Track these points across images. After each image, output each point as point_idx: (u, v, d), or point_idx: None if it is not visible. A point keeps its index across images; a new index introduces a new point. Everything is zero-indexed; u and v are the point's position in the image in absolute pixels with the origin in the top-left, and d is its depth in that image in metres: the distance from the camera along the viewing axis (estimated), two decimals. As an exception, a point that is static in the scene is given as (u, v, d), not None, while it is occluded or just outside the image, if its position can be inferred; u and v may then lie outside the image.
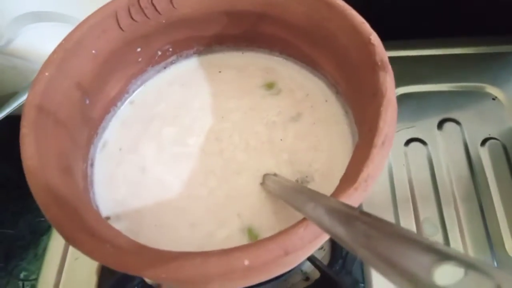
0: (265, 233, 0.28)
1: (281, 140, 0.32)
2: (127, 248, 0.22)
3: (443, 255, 0.13)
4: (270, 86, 0.35)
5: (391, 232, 0.16)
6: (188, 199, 0.30)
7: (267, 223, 0.29)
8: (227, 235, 0.28)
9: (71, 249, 0.41)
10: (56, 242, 0.42)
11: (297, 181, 0.30)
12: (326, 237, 0.26)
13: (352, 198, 0.22)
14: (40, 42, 0.51)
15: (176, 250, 0.22)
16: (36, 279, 0.41)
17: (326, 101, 0.34)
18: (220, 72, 0.36)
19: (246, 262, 0.20)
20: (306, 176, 0.30)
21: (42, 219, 0.49)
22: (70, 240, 0.22)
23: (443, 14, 0.49)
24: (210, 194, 0.30)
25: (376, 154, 0.23)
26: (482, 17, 0.48)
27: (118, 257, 0.21)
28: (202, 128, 0.33)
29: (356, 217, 0.18)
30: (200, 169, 0.31)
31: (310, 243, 0.21)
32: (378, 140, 0.23)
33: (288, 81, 0.35)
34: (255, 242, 0.21)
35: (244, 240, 0.28)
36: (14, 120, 0.26)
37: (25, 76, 0.52)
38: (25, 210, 0.50)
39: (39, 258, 0.44)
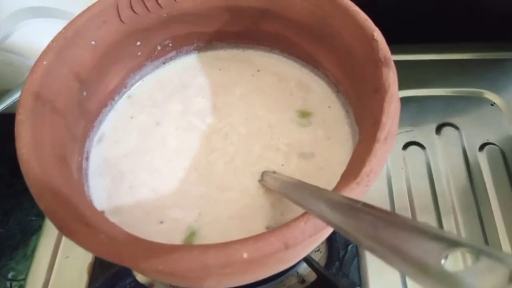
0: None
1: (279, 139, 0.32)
2: (122, 239, 0.22)
3: (453, 242, 0.13)
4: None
5: (398, 222, 0.15)
6: (184, 197, 0.30)
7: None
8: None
9: (61, 247, 0.41)
10: (46, 240, 0.41)
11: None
12: (327, 232, 0.26)
13: (354, 193, 0.21)
14: (37, 38, 0.50)
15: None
16: (24, 279, 0.40)
17: (329, 107, 0.33)
18: (220, 70, 0.36)
19: (245, 255, 0.20)
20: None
21: (33, 218, 0.48)
22: (64, 229, 0.21)
23: (443, 20, 0.49)
24: (208, 190, 0.30)
25: (379, 149, 0.22)
26: (482, 23, 0.48)
27: (113, 247, 0.21)
28: (201, 127, 0.33)
29: (359, 209, 0.18)
30: (198, 167, 0.31)
31: (311, 237, 0.21)
32: (381, 135, 0.23)
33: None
34: (255, 235, 0.21)
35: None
36: (7, 117, 0.26)
37: (21, 73, 0.51)
38: (16, 209, 0.50)
39: (28, 258, 0.43)
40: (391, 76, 0.25)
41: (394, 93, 0.24)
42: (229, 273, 0.21)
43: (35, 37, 0.50)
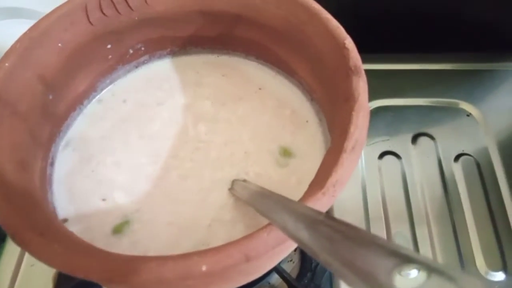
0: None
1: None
2: (77, 249, 0.21)
3: (406, 259, 0.12)
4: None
5: (355, 236, 0.15)
6: (133, 186, 0.29)
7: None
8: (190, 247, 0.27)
9: (27, 255, 0.39)
10: (12, 247, 0.40)
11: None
12: (291, 245, 0.25)
13: (320, 203, 0.21)
14: (8, 39, 0.49)
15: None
16: (-11, 287, 0.39)
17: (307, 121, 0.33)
18: (197, 73, 0.35)
19: (204, 268, 0.19)
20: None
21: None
22: (16, 237, 0.20)
23: (420, 30, 0.49)
24: (155, 191, 0.29)
25: (346, 159, 0.22)
26: (458, 34, 0.49)
27: (67, 258, 0.20)
28: (170, 136, 0.32)
29: (320, 221, 0.17)
30: (171, 176, 0.30)
31: (273, 249, 0.20)
32: (348, 144, 0.22)
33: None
34: (215, 247, 0.20)
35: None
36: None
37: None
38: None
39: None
40: (361, 86, 0.24)
41: (363, 103, 0.24)
42: (191, 286, 0.21)
43: (6, 38, 0.49)
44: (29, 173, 0.26)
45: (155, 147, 0.31)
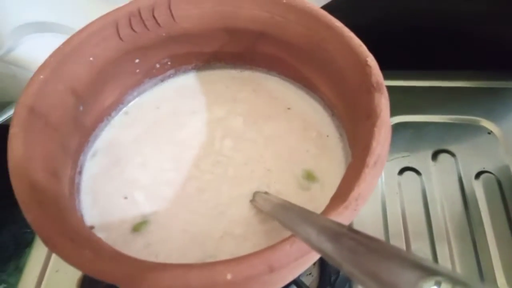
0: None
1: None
2: (106, 255, 0.21)
3: (430, 271, 0.13)
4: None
5: (378, 248, 0.15)
6: (154, 188, 0.31)
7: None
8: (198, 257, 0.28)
9: (52, 260, 0.40)
10: (37, 253, 0.41)
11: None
12: (314, 256, 0.25)
13: (342, 216, 0.21)
14: (40, 52, 0.51)
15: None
16: (14, 292, 0.40)
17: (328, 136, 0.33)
18: (227, 88, 0.36)
19: (229, 276, 0.20)
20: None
21: (28, 230, 0.48)
22: (48, 243, 0.21)
23: (442, 47, 0.49)
24: (199, 210, 0.30)
25: (368, 174, 0.22)
26: (479, 52, 0.49)
27: (96, 264, 0.20)
28: (196, 146, 0.33)
29: (344, 233, 0.17)
30: (190, 185, 0.31)
31: (296, 261, 0.21)
32: (371, 160, 0.23)
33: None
34: (239, 256, 0.21)
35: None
36: (7, 129, 0.26)
37: (23, 86, 0.51)
38: (11, 220, 0.49)
39: (20, 270, 0.43)
40: (383, 102, 0.25)
41: (385, 119, 0.24)
42: (213, 294, 0.21)
43: (38, 51, 0.51)
44: (59, 182, 0.27)
45: (180, 155, 0.32)
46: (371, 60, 0.27)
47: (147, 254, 0.28)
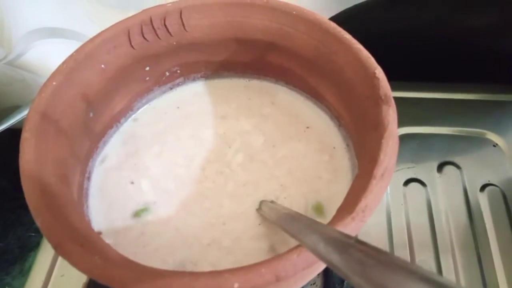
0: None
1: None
2: (115, 262, 0.22)
3: (439, 285, 0.13)
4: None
5: (387, 261, 0.15)
6: (169, 203, 0.31)
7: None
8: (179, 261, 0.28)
9: (57, 265, 0.40)
10: (43, 257, 0.41)
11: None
12: (320, 266, 0.26)
13: (349, 228, 0.21)
14: (50, 57, 0.52)
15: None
16: (18, 295, 0.40)
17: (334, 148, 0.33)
18: (250, 99, 0.37)
19: (236, 285, 0.20)
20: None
21: (33, 234, 0.48)
22: (58, 248, 0.22)
23: (449, 59, 0.50)
24: (205, 216, 0.30)
25: (375, 186, 0.23)
26: (486, 64, 0.49)
27: (105, 269, 0.21)
28: (211, 149, 0.33)
29: (351, 245, 0.18)
30: (197, 193, 0.31)
31: (303, 271, 0.21)
32: (378, 171, 0.23)
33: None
34: (246, 265, 0.21)
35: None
36: (15, 132, 0.26)
37: (32, 90, 0.52)
38: (16, 223, 0.50)
39: (25, 274, 0.43)
40: (391, 114, 0.25)
41: (393, 131, 0.25)
42: (220, 302, 0.21)
43: (48, 56, 0.52)
44: (69, 187, 0.27)
45: (195, 152, 0.33)
46: (379, 72, 0.27)
47: (139, 243, 0.29)
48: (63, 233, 0.22)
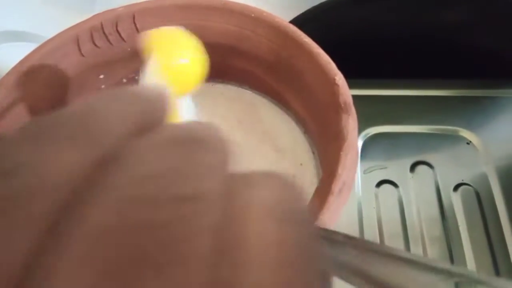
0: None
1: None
2: None
3: (447, 273, 0.12)
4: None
5: (387, 255, 0.14)
6: None
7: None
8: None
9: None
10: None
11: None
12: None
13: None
14: (12, 62, 0.50)
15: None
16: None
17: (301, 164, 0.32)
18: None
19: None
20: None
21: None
22: None
23: (420, 55, 0.49)
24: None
25: (333, 202, 0.22)
26: (458, 60, 0.48)
27: None
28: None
29: (342, 242, 0.17)
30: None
31: None
32: (336, 187, 0.22)
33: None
34: None
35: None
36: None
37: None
38: None
39: None
40: (350, 123, 0.24)
41: (352, 142, 0.23)
42: None
43: (11, 60, 0.50)
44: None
45: None
46: (339, 79, 0.26)
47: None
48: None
